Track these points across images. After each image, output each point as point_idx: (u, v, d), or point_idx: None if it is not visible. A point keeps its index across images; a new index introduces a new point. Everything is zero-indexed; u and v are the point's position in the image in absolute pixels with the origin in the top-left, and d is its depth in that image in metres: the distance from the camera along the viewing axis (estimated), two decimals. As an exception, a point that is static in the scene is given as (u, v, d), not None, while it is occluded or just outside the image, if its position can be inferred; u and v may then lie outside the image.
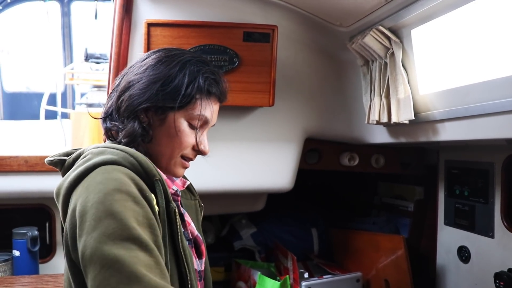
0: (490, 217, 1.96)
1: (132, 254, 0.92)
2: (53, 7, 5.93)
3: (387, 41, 1.82)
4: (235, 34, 1.93)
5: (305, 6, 2.03)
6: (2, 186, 2.16)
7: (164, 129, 1.21)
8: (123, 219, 0.96)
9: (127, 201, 0.99)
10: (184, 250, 1.13)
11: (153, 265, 0.94)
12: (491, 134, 1.52)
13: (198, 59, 1.25)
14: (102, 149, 1.13)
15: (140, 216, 1.00)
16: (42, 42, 6.00)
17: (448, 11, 1.51)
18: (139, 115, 1.20)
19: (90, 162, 1.08)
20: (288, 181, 2.25)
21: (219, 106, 1.32)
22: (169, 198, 1.13)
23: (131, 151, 1.13)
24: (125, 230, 0.95)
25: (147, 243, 0.96)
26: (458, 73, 1.59)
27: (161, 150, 1.23)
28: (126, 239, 0.94)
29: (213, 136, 2.07)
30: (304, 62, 2.17)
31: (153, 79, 1.19)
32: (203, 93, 1.22)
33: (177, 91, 1.18)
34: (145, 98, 1.18)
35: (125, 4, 1.91)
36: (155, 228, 1.02)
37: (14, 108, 5.96)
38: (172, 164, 1.25)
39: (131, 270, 0.90)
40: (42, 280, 2.09)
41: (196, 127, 1.24)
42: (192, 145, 1.25)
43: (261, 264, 2.68)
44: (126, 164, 1.09)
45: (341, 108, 2.31)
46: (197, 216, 1.43)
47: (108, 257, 0.91)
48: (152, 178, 1.11)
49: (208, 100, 1.24)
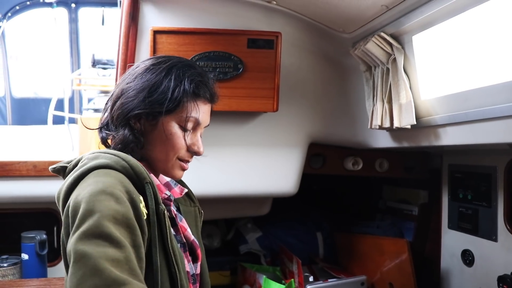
0: (493, 220, 1.97)
1: (100, 249, 0.96)
2: (61, 14, 5.99)
3: (389, 47, 1.84)
4: (239, 41, 1.96)
5: (309, 13, 2.05)
6: (11, 191, 2.20)
7: (157, 134, 1.25)
8: (99, 218, 1.00)
9: (109, 201, 1.04)
10: (173, 250, 1.16)
11: (121, 261, 0.97)
12: (492, 139, 1.54)
13: (184, 63, 1.29)
14: (97, 154, 1.19)
15: (119, 215, 1.03)
16: (50, 48, 6.06)
17: (448, 17, 1.53)
18: (131, 123, 1.24)
19: (85, 167, 1.13)
20: (293, 185, 2.27)
21: (210, 107, 1.34)
22: (158, 200, 1.16)
23: (123, 155, 1.17)
24: (98, 227, 0.99)
25: (119, 240, 1.00)
26: (459, 79, 1.60)
27: (156, 154, 1.27)
28: (98, 236, 0.98)
29: (218, 141, 2.11)
30: (308, 68, 2.19)
31: (141, 86, 1.23)
32: (190, 96, 1.25)
33: (164, 96, 1.22)
34: (133, 106, 1.22)
35: (132, 12, 1.94)
36: (134, 228, 1.05)
37: (22, 114, 6.01)
38: (169, 167, 1.28)
39: (94, 263, 0.94)
40: (50, 283, 2.12)
41: (187, 129, 1.27)
42: (185, 147, 1.28)
43: (267, 267, 2.70)
44: (118, 168, 1.13)
45: (344, 113, 2.33)
46: (196, 222, 1.46)
47: (78, 251, 0.96)
48: (143, 181, 1.14)
49: (196, 102, 1.26)
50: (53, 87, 5.73)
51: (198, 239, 1.41)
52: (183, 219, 1.37)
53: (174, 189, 1.36)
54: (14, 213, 2.37)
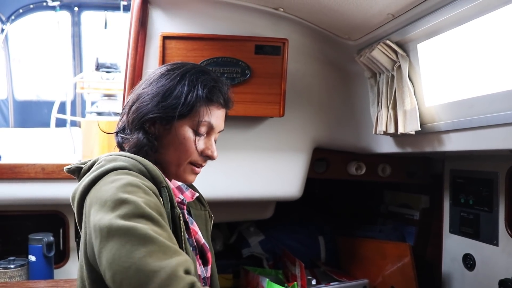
0: (495, 225, 2.00)
1: (145, 226, 0.98)
2: (64, 17, 6.01)
3: (394, 54, 1.87)
4: (247, 47, 1.99)
5: (315, 20, 2.08)
6: (19, 193, 2.21)
7: (171, 138, 1.27)
8: (135, 202, 1.02)
9: (139, 192, 1.06)
10: (188, 254, 1.17)
11: (165, 236, 1.00)
12: (495, 145, 1.56)
13: (198, 69, 1.31)
14: (115, 156, 1.21)
15: (151, 203, 1.06)
16: (52, 51, 6.08)
17: (453, 27, 1.56)
18: (145, 126, 1.27)
19: (103, 168, 1.15)
20: (297, 189, 2.29)
21: (225, 112, 1.36)
22: (174, 204, 1.19)
23: (141, 159, 1.19)
24: (138, 209, 1.01)
25: (159, 220, 1.02)
26: (462, 86, 1.64)
27: (169, 158, 1.29)
28: (140, 216, 1.00)
29: (224, 145, 2.13)
30: (314, 74, 2.22)
31: (156, 91, 1.26)
32: (203, 100, 1.26)
33: (177, 101, 1.24)
34: (147, 110, 1.25)
35: (141, 18, 1.97)
36: (164, 217, 1.09)
37: (24, 116, 6.02)
38: (181, 171, 1.30)
39: (144, 233, 0.96)
40: (57, 285, 2.14)
41: (200, 133, 1.29)
42: (199, 152, 1.30)
43: (269, 271, 2.71)
44: (135, 171, 1.16)
45: (348, 119, 2.35)
46: (206, 226, 1.48)
47: (123, 227, 0.97)
48: (159, 184, 1.17)
49: (210, 107, 1.28)
50: (56, 90, 5.75)
51: (208, 243, 1.43)
52: (194, 223, 1.39)
53: (185, 193, 1.39)
54: (22, 215, 2.38)
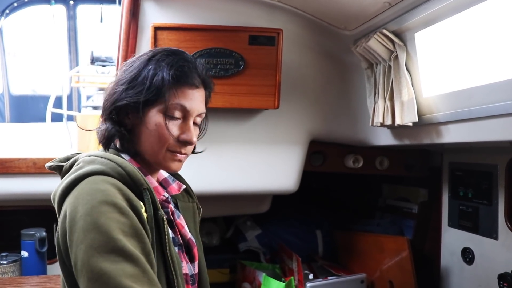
0: (494, 218, 1.97)
1: (117, 267, 0.96)
2: (59, 11, 5.96)
3: (391, 44, 1.84)
4: (240, 38, 1.95)
5: (310, 10, 2.05)
6: (11, 188, 2.19)
7: (143, 127, 1.20)
8: (108, 232, 0.99)
9: (113, 213, 1.02)
10: (171, 257, 1.14)
11: (139, 275, 0.97)
12: (495, 136, 1.54)
13: (166, 52, 1.23)
14: (93, 158, 1.15)
15: (126, 227, 1.02)
16: (48, 45, 6.04)
17: (451, 14, 1.53)
18: (113, 117, 1.21)
19: (80, 172, 1.10)
20: (293, 183, 2.27)
21: (203, 93, 1.27)
22: (157, 205, 1.14)
23: (120, 161, 1.14)
24: (110, 242, 0.98)
25: (132, 253, 0.99)
26: (461, 76, 1.61)
27: (145, 148, 1.22)
28: (111, 251, 0.97)
29: (218, 138, 2.11)
30: (309, 65, 2.19)
31: (123, 79, 1.20)
32: (170, 82, 1.18)
33: (143, 86, 1.18)
34: (114, 99, 1.20)
35: (132, 8, 1.93)
36: (142, 236, 1.04)
37: (20, 111, 5.97)
38: (161, 159, 1.23)
39: (116, 282, 0.94)
40: (50, 281, 2.11)
41: (173, 117, 1.21)
42: (174, 137, 1.21)
43: (266, 265, 2.70)
44: (114, 174, 1.11)
45: (345, 111, 2.32)
46: (195, 218, 1.43)
47: (95, 270, 0.95)
48: (140, 187, 1.12)
49: (180, 88, 1.20)
50: (52, 85, 5.71)
51: (196, 236, 1.39)
52: (180, 216, 1.34)
53: (172, 186, 1.33)
54: (14, 210, 2.36)
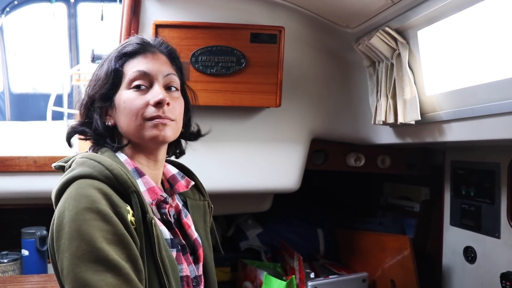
0: (496, 217, 1.96)
1: (100, 277, 0.96)
2: (60, 9, 5.95)
3: (393, 42, 1.83)
4: (242, 35, 1.94)
5: (312, 8, 2.04)
6: (11, 186, 2.18)
7: (119, 111, 1.22)
8: (91, 240, 0.99)
9: (96, 220, 1.02)
10: (162, 260, 1.12)
11: (121, 285, 0.98)
12: (498, 135, 1.53)
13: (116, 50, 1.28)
14: (84, 160, 1.15)
15: (109, 234, 1.02)
16: (48, 43, 6.03)
17: (454, 12, 1.52)
18: (104, 119, 1.24)
19: (70, 175, 1.11)
20: (295, 181, 2.26)
21: (160, 56, 1.26)
22: (145, 209, 1.12)
23: (108, 163, 1.12)
24: (93, 252, 0.98)
25: (116, 262, 0.99)
26: (464, 74, 1.59)
27: (127, 128, 1.21)
28: (95, 261, 0.98)
29: (220, 136, 2.10)
30: (311, 63, 2.18)
31: (89, 83, 1.27)
32: (122, 60, 1.22)
33: (104, 77, 1.22)
34: (87, 98, 1.24)
35: (133, 6, 1.92)
36: (127, 243, 1.04)
37: (21, 109, 5.97)
38: (143, 131, 1.19)
39: None
40: (51, 279, 2.10)
41: (140, 87, 1.21)
42: (145, 104, 1.19)
43: (267, 264, 2.69)
44: (101, 178, 1.10)
45: (347, 109, 2.31)
46: (205, 217, 1.41)
47: (79, 280, 0.96)
48: (127, 190, 1.10)
49: (133, 60, 1.23)
50: (52, 83, 5.70)
51: (206, 235, 1.37)
52: (188, 215, 1.32)
53: (180, 182, 1.32)
54: (14, 209, 2.35)
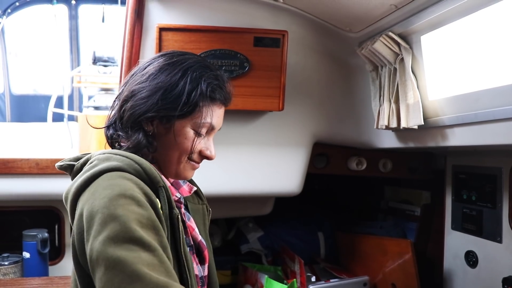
0: (498, 221, 1.96)
1: (134, 255, 0.95)
2: (61, 10, 5.96)
3: (396, 47, 1.83)
4: (245, 39, 1.95)
5: (315, 12, 2.04)
6: (13, 189, 2.18)
7: (170, 137, 1.21)
8: (125, 222, 0.98)
9: (131, 205, 1.02)
10: (185, 255, 1.14)
11: (156, 264, 0.96)
12: (501, 140, 1.53)
13: (200, 64, 1.23)
14: (108, 155, 1.15)
15: (144, 218, 1.02)
16: (49, 45, 6.03)
17: (457, 18, 1.52)
18: (143, 125, 1.20)
19: (96, 168, 1.10)
20: (297, 185, 2.26)
21: (224, 110, 1.31)
22: (172, 204, 1.14)
23: (136, 158, 1.14)
24: (127, 232, 0.97)
25: (150, 243, 0.98)
26: (467, 79, 1.60)
27: (168, 157, 1.24)
28: (129, 241, 0.96)
29: (222, 140, 2.09)
30: (314, 67, 2.18)
31: (154, 88, 1.18)
32: (206, 100, 1.21)
33: (179, 99, 1.18)
34: (146, 108, 1.18)
35: (137, 9, 1.92)
36: (159, 229, 1.04)
37: (21, 111, 5.96)
38: (181, 168, 1.26)
39: (133, 269, 0.92)
40: (52, 282, 2.10)
41: (201, 134, 1.24)
42: (197, 152, 1.26)
43: (268, 267, 2.69)
44: (131, 171, 1.11)
45: (349, 113, 2.32)
46: (204, 220, 1.44)
47: (111, 258, 0.94)
48: (156, 184, 1.12)
49: (212, 106, 1.23)
50: (53, 84, 5.70)
51: (206, 238, 1.39)
52: (191, 218, 1.35)
53: (183, 187, 1.33)
54: (16, 211, 2.36)
